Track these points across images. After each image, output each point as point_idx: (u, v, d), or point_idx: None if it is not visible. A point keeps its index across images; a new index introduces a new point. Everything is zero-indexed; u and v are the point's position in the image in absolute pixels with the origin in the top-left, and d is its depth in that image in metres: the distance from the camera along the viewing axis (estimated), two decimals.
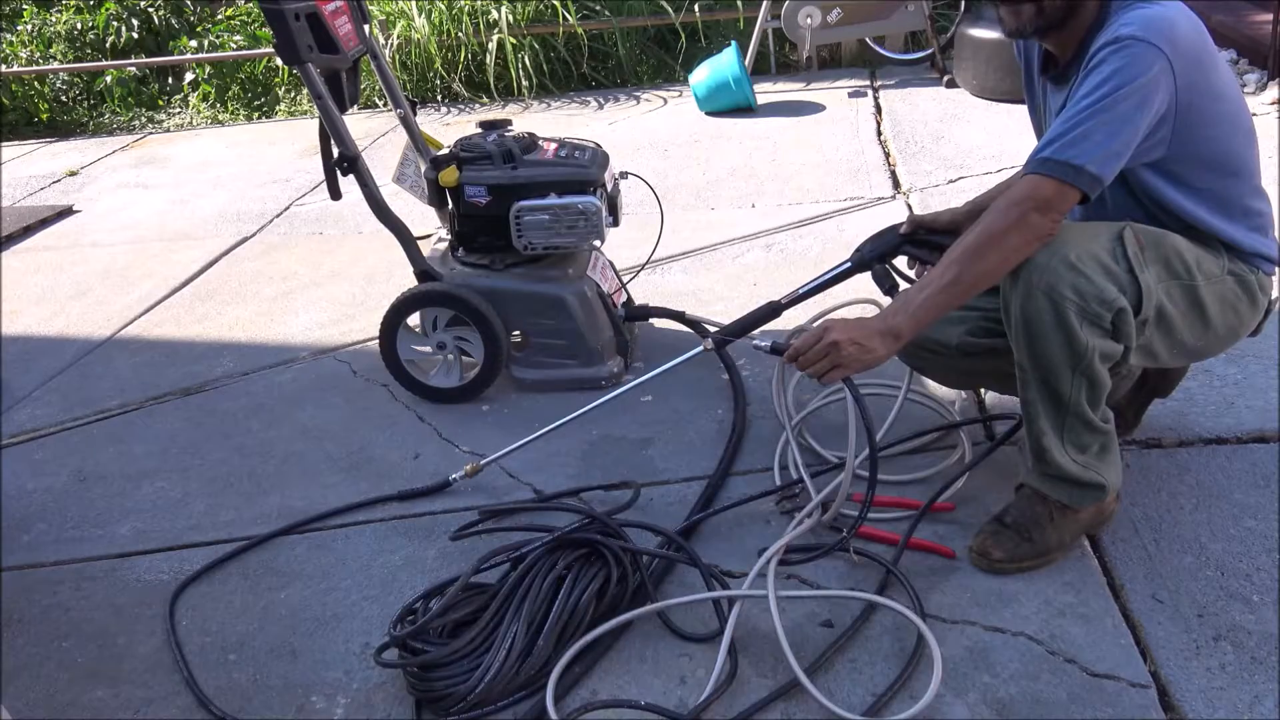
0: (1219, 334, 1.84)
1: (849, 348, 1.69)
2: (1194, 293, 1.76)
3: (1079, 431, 1.78)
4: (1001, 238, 1.64)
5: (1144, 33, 1.60)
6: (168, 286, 3.83)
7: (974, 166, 4.07)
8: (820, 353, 1.71)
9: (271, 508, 2.37)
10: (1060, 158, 1.61)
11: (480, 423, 2.63)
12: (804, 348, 1.74)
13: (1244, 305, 1.83)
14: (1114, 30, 1.63)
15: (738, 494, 2.18)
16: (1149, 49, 1.59)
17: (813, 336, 1.74)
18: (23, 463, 2.71)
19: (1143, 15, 1.63)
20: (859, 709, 1.60)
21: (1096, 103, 1.60)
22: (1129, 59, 1.59)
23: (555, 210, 2.56)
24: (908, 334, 1.71)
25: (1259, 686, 1.58)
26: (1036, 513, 1.86)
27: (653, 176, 3.14)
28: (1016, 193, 1.64)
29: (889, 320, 1.71)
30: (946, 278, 1.67)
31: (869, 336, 1.69)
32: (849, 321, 1.73)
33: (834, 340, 1.70)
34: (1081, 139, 1.60)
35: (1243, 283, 1.80)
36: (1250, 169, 1.80)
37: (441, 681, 1.67)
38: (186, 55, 6.83)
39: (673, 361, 2.22)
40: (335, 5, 2.46)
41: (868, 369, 1.73)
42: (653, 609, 1.82)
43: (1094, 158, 1.60)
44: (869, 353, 1.69)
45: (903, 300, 1.73)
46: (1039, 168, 1.63)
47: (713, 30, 6.13)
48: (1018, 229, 1.63)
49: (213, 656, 1.91)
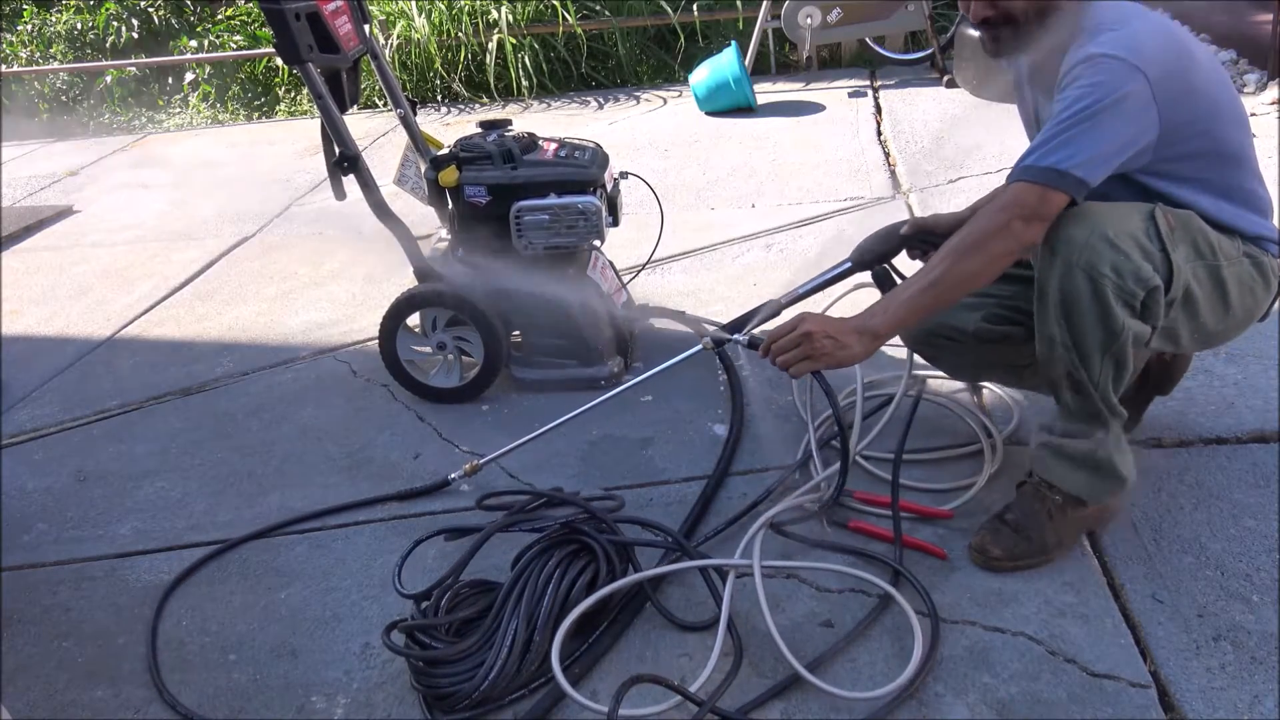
0: (1237, 317, 1.83)
1: (822, 340, 1.69)
2: (1217, 273, 1.75)
3: (1103, 418, 1.77)
4: (985, 243, 1.65)
5: (1115, 50, 1.61)
6: (168, 286, 3.83)
7: (974, 166, 4.07)
8: (793, 342, 1.72)
9: (271, 508, 2.37)
10: (1043, 164, 1.62)
11: (480, 422, 2.63)
12: (776, 336, 1.75)
13: (1259, 287, 1.82)
14: (1085, 49, 1.65)
15: (737, 494, 2.18)
16: (1122, 65, 1.61)
17: (786, 327, 1.74)
18: (23, 463, 2.71)
19: (1112, 37, 1.64)
20: (861, 708, 1.60)
21: (1077, 113, 1.61)
22: (1104, 73, 1.61)
23: (555, 210, 2.56)
24: (885, 334, 1.72)
25: (1259, 686, 1.58)
26: (1036, 511, 1.86)
27: (653, 176, 3.14)
28: (1002, 200, 1.65)
29: (867, 320, 1.72)
30: (928, 279, 1.68)
31: (845, 333, 1.70)
32: (825, 316, 1.74)
33: (807, 331, 1.70)
34: (1063, 145, 1.61)
35: (1257, 264, 1.80)
36: (1246, 154, 1.80)
37: (446, 679, 1.68)
38: (186, 55, 6.83)
39: (671, 360, 2.22)
40: (335, 5, 2.46)
41: (840, 366, 1.73)
42: (637, 578, 1.84)
43: (1076, 162, 1.60)
44: (843, 349, 1.69)
45: (883, 301, 1.74)
46: (1022, 174, 1.64)
47: (712, 30, 6.13)
48: (1001, 235, 1.64)
49: (213, 656, 1.91)
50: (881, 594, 1.81)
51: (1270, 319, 1.95)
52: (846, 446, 1.87)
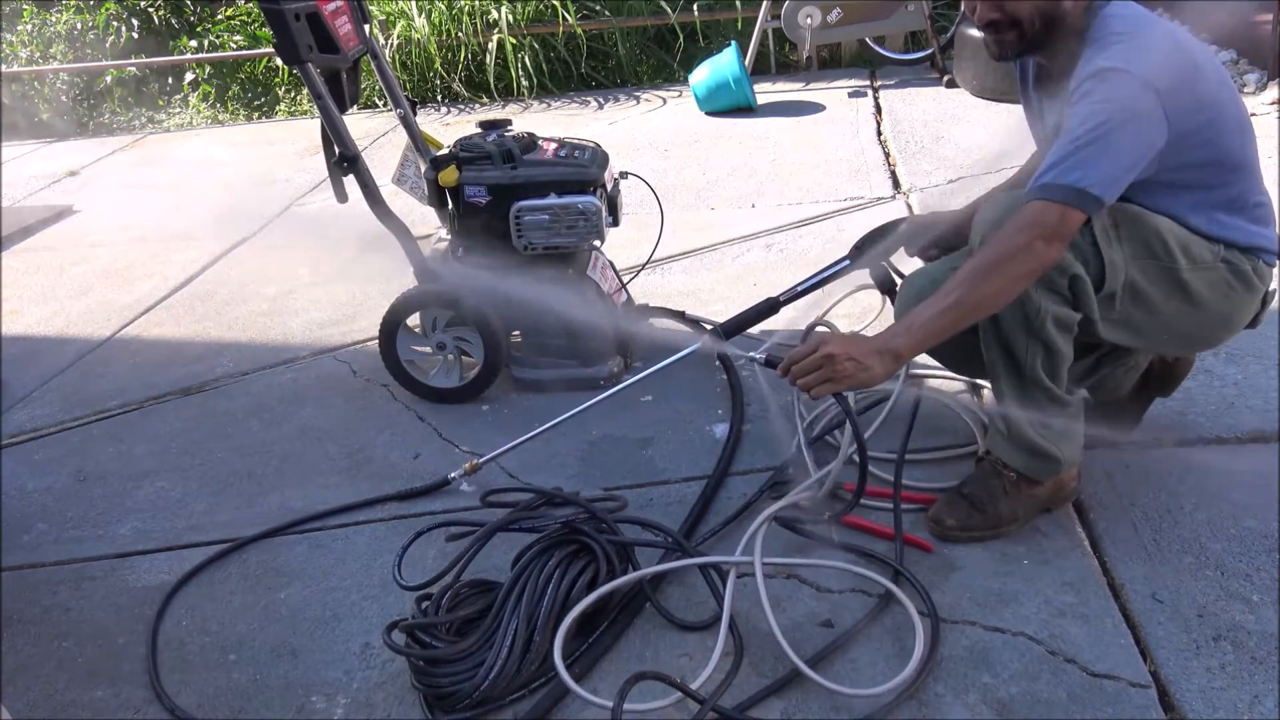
0: (1212, 320, 1.85)
1: (844, 363, 1.68)
2: (1174, 274, 1.77)
3: (1040, 401, 1.83)
4: (1006, 265, 1.64)
5: (1126, 64, 1.62)
6: (168, 286, 3.83)
7: (974, 166, 4.07)
8: (814, 364, 1.70)
9: (271, 508, 2.36)
10: (1063, 182, 1.61)
11: (480, 422, 2.63)
12: (797, 358, 1.73)
13: (1238, 293, 1.82)
14: (1095, 63, 1.64)
15: (737, 494, 2.18)
16: (1134, 80, 1.61)
17: (807, 348, 1.73)
18: (23, 463, 2.71)
19: (1123, 49, 1.64)
20: (861, 707, 1.60)
21: (1091, 129, 1.61)
22: (1117, 89, 1.61)
23: (555, 210, 2.55)
24: (908, 355, 1.71)
25: (1259, 686, 1.58)
26: (992, 485, 1.92)
27: (653, 176, 3.13)
28: (1022, 219, 1.64)
29: (889, 340, 1.70)
30: (950, 300, 1.67)
31: (866, 354, 1.68)
32: (846, 337, 1.74)
33: (829, 353, 1.68)
34: (1081, 164, 1.61)
35: (1236, 270, 1.81)
36: (1248, 162, 1.80)
37: (447, 678, 1.68)
38: (186, 55, 6.83)
39: (670, 359, 2.22)
40: (335, 5, 2.46)
41: (862, 387, 1.73)
42: (635, 577, 1.84)
43: (1095, 180, 1.60)
44: (865, 370, 1.68)
45: (905, 321, 1.73)
46: (1042, 193, 1.63)
47: (712, 30, 6.13)
48: (1023, 256, 1.63)
49: (213, 656, 1.91)
50: (881, 594, 1.81)
51: (1270, 325, 1.95)
52: (865, 465, 1.84)
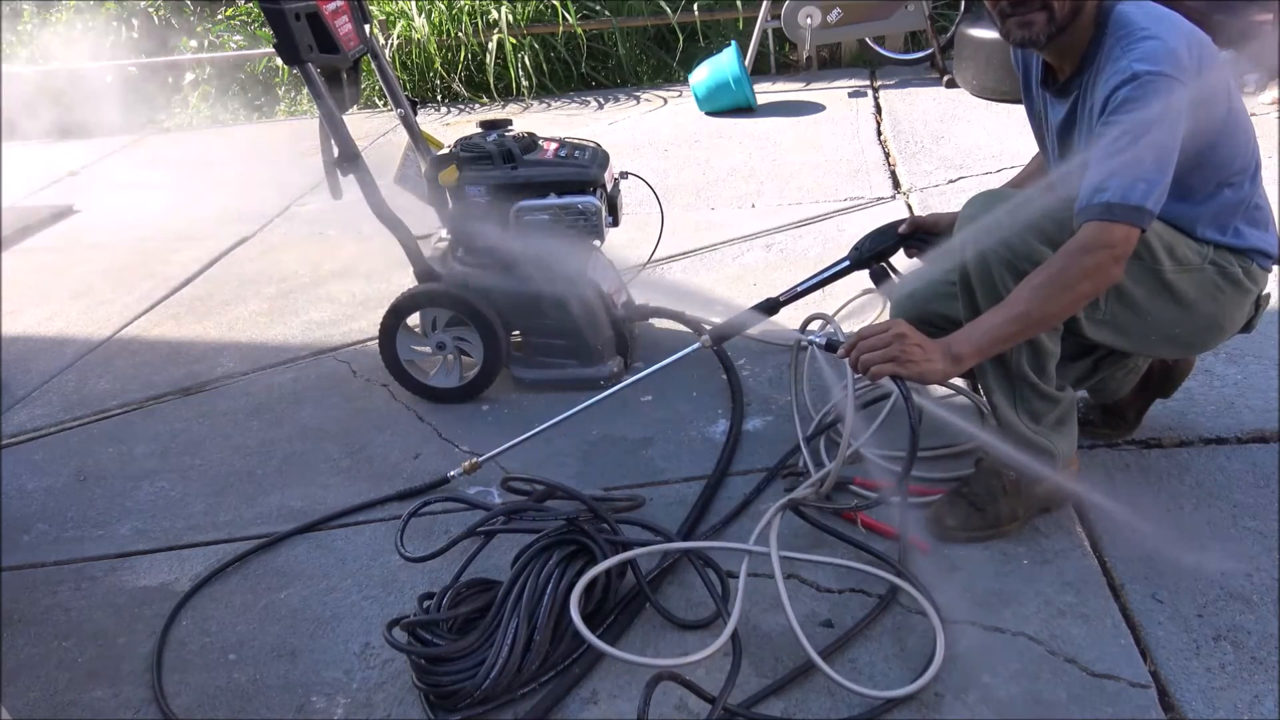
0: (1202, 321, 1.84)
1: (914, 347, 1.68)
2: (1158, 275, 1.76)
3: (1030, 398, 1.84)
4: (1079, 283, 1.64)
5: (1164, 66, 1.60)
6: (168, 286, 3.83)
7: (974, 166, 4.07)
8: (884, 341, 1.69)
9: (271, 508, 2.37)
10: (1128, 202, 1.59)
11: (480, 422, 2.63)
12: (867, 334, 1.72)
13: (1226, 295, 1.82)
14: (1125, 65, 1.62)
15: (737, 494, 2.18)
16: (1170, 82, 1.59)
17: (879, 326, 1.73)
18: (23, 463, 2.71)
19: (1154, 46, 1.62)
20: (861, 706, 1.60)
21: (1136, 140, 1.59)
22: (1153, 93, 1.59)
23: (555, 210, 2.56)
24: (969, 360, 1.71)
25: (1259, 686, 1.58)
26: (992, 485, 1.93)
27: (653, 176, 3.14)
28: (1093, 239, 1.62)
29: (952, 344, 1.70)
30: (1016, 310, 1.67)
31: (932, 348, 1.69)
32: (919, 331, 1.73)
33: (901, 333, 1.68)
34: (1138, 181, 1.59)
35: (1224, 272, 1.80)
36: (1249, 164, 1.79)
37: (448, 677, 1.68)
38: (186, 55, 6.83)
39: (669, 359, 2.22)
40: (335, 5, 2.46)
41: (920, 380, 1.72)
42: (624, 558, 1.84)
43: (1152, 197, 1.60)
44: (929, 361, 1.68)
45: (967, 329, 1.72)
46: (1107, 214, 1.60)
47: (712, 30, 6.13)
48: (1097, 276, 1.63)
49: (213, 656, 1.91)
50: (881, 594, 1.81)
51: (1269, 325, 1.95)
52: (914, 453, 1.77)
